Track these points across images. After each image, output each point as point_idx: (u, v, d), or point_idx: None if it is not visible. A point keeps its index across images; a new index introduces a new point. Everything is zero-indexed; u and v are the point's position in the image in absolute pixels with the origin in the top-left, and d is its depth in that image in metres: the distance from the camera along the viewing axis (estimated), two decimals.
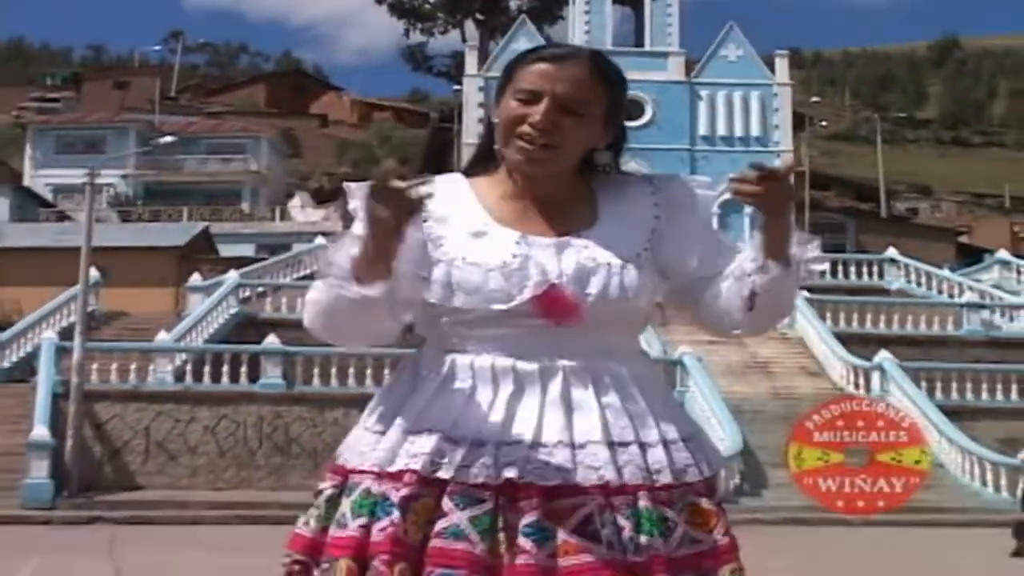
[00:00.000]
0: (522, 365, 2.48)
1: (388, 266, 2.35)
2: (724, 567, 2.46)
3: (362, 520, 2.38)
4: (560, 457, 2.40)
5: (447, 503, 2.37)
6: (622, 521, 2.38)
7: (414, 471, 2.39)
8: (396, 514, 2.36)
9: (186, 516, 25.45)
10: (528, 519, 2.35)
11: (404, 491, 2.38)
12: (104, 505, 26.74)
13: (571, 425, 2.44)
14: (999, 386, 33.19)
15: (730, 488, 26.61)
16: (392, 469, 2.42)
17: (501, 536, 2.35)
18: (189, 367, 31.84)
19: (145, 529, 22.91)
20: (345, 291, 2.37)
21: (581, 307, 2.48)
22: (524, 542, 2.33)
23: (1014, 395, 33.03)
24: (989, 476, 29.36)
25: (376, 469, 2.43)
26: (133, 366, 31.51)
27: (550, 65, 2.56)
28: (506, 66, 2.66)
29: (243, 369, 31.39)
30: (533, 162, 2.55)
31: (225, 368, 31.48)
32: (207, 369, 31.56)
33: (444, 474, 2.38)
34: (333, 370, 30.85)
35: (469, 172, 2.70)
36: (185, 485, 29.58)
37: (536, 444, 2.41)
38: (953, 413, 31.45)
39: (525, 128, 2.52)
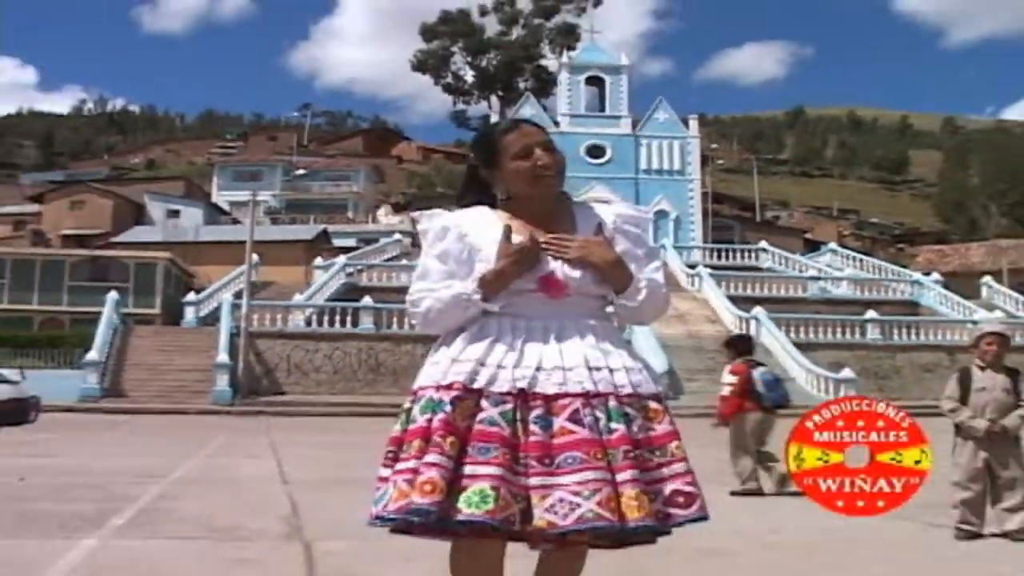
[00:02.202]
0: (530, 322, 2.54)
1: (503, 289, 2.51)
2: (671, 443, 2.52)
3: (427, 416, 2.44)
4: (556, 376, 2.46)
5: (484, 403, 2.42)
6: (599, 414, 2.45)
7: (460, 382, 2.44)
8: (448, 408, 2.40)
9: (314, 411, 25.61)
10: (535, 413, 2.41)
11: (453, 394, 2.42)
12: (262, 404, 26.93)
13: (563, 356, 2.49)
14: (830, 329, 33.32)
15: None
16: (445, 382, 2.46)
17: (519, 425, 2.40)
18: (314, 317, 32.00)
19: (288, 420, 23.03)
20: (473, 305, 2.52)
21: (568, 287, 2.54)
22: (533, 428, 2.39)
23: (839, 335, 33.17)
24: (822, 385, 29.45)
25: (435, 384, 2.48)
26: (279, 316, 31.66)
27: (518, 131, 2.63)
28: (483, 145, 2.70)
29: (348, 318, 31.54)
30: (551, 188, 2.61)
31: (337, 318, 31.62)
32: (326, 318, 31.70)
33: (479, 384, 2.44)
34: (406, 319, 30.89)
35: (492, 206, 2.68)
36: (313, 392, 29.72)
37: (540, 368, 2.46)
38: (801, 346, 31.54)
39: (539, 172, 2.58)
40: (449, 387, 2.45)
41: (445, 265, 2.59)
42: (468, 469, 2.33)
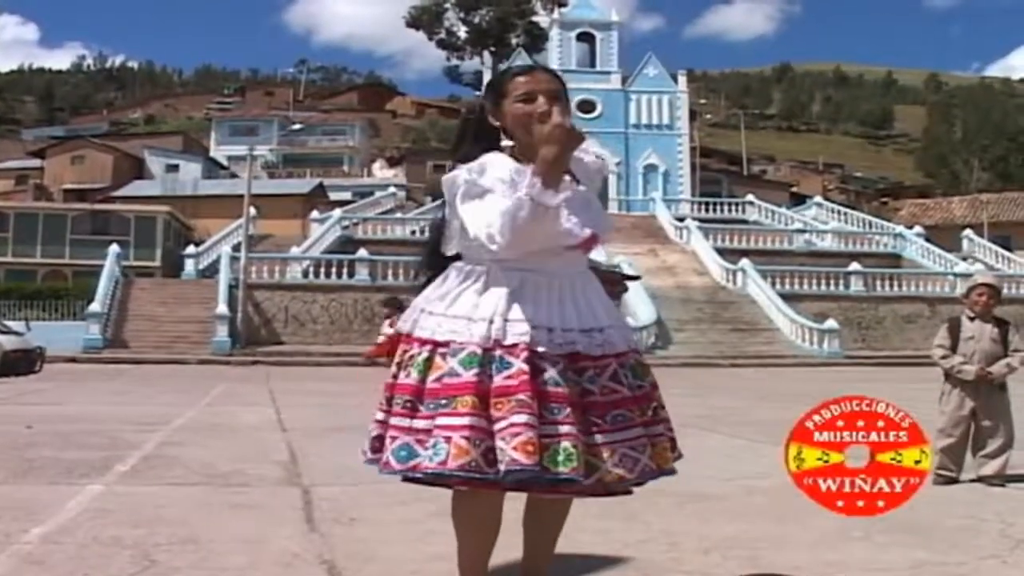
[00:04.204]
0: (559, 280, 2.51)
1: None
2: (658, 392, 2.65)
3: (475, 371, 2.38)
4: (596, 336, 2.51)
5: (543, 364, 2.41)
6: (627, 372, 2.55)
7: (525, 344, 2.41)
8: (525, 367, 2.37)
9: (310, 361, 25.69)
10: (588, 374, 2.48)
11: (523, 355, 2.39)
12: (261, 354, 26.98)
13: (594, 315, 2.54)
14: (814, 281, 33.43)
15: (648, 344, 26.77)
16: (507, 343, 2.41)
17: (571, 383, 2.44)
18: (311, 268, 31.96)
19: (286, 369, 23.08)
20: (538, 204, 2.32)
21: (601, 239, 2.53)
22: (588, 385, 2.47)
23: (823, 286, 33.27)
24: (807, 335, 29.59)
25: (484, 341, 2.41)
26: (277, 268, 31.62)
27: (529, 76, 2.54)
28: (493, 85, 2.60)
29: (344, 270, 31.49)
30: None
31: (333, 269, 31.59)
32: (322, 270, 31.66)
33: (541, 348, 2.42)
34: (400, 270, 30.90)
35: (500, 149, 2.54)
36: (310, 342, 29.79)
37: (583, 330, 2.49)
38: (786, 297, 31.64)
39: (537, 119, 2.46)
40: (514, 347, 2.40)
41: (499, 194, 2.40)
42: (546, 429, 2.34)
